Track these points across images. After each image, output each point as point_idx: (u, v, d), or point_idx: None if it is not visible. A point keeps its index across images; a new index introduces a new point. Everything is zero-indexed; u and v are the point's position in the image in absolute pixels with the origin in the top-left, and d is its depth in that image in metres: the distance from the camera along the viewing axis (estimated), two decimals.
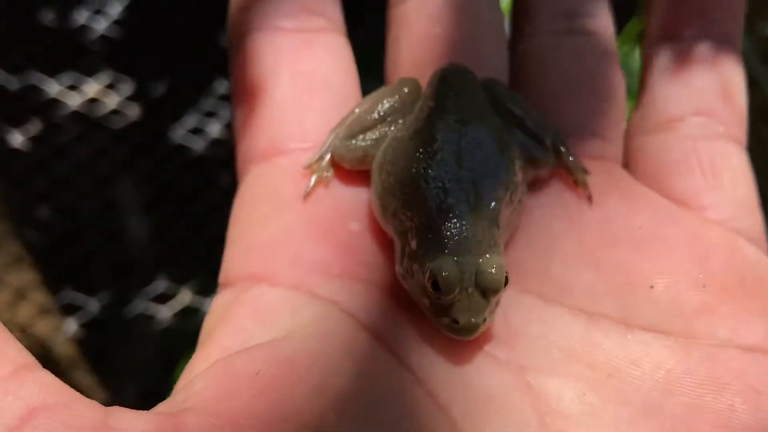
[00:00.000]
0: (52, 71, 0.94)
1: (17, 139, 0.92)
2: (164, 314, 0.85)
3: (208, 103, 0.96)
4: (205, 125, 0.95)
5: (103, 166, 0.92)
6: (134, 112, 0.95)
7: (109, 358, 0.84)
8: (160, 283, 0.86)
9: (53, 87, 0.94)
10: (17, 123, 0.92)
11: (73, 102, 0.94)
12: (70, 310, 0.85)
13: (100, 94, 0.95)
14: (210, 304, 0.33)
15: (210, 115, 0.95)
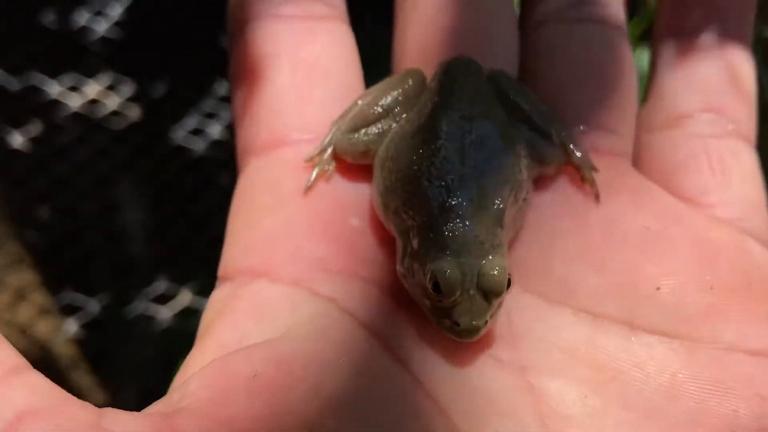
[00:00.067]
0: (52, 72, 0.94)
1: (18, 139, 0.92)
2: (164, 315, 0.85)
3: (208, 104, 0.96)
4: (206, 126, 0.95)
5: (103, 166, 0.92)
6: (134, 113, 0.95)
7: (109, 358, 0.84)
8: (160, 284, 0.86)
9: (54, 88, 0.94)
10: (18, 124, 0.92)
11: (74, 103, 0.94)
12: (70, 310, 0.85)
13: (100, 95, 0.95)
14: None
15: (210, 116, 0.95)
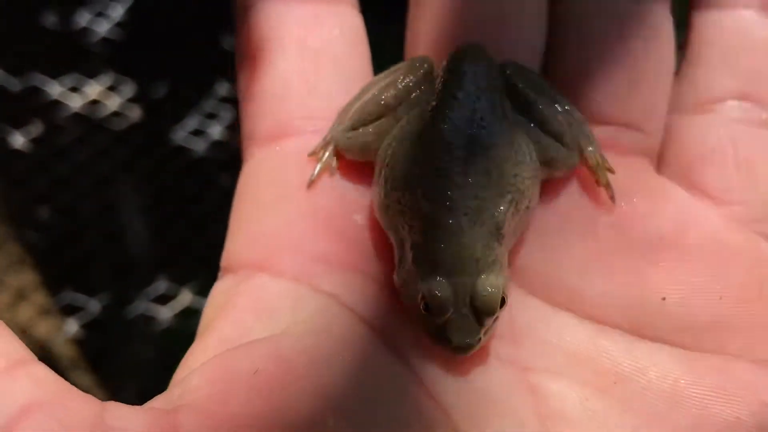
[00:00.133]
0: (53, 73, 0.94)
1: (19, 140, 0.92)
2: (164, 315, 0.85)
3: (208, 104, 0.96)
4: (206, 127, 0.95)
5: (103, 167, 0.92)
6: (135, 113, 0.95)
7: (109, 358, 0.84)
8: (160, 284, 0.86)
9: (55, 89, 0.94)
10: (19, 124, 0.92)
11: (75, 103, 0.94)
12: (70, 310, 0.85)
13: (101, 95, 0.95)
14: None
15: (211, 116, 0.95)
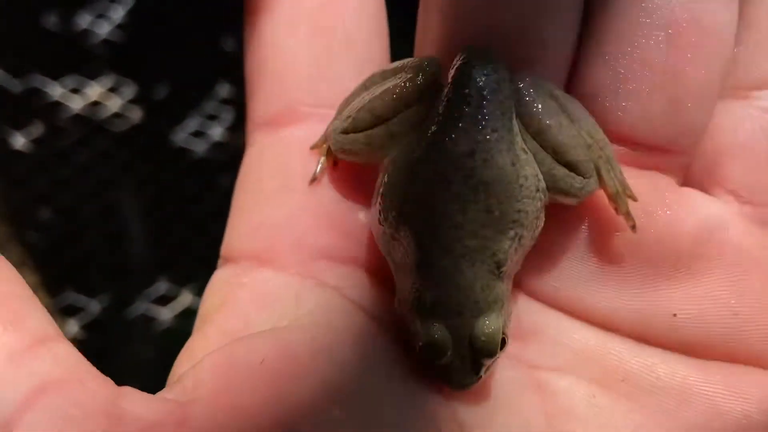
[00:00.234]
0: (54, 74, 0.94)
1: (20, 141, 0.92)
2: (165, 316, 0.85)
3: (209, 106, 0.96)
4: (207, 128, 0.95)
5: (104, 168, 0.92)
6: (136, 115, 0.95)
7: (110, 359, 0.84)
8: (160, 285, 0.86)
9: (56, 90, 0.94)
10: (20, 125, 0.92)
11: (76, 105, 0.94)
12: (71, 311, 0.85)
13: (102, 97, 0.95)
14: None
15: (211, 118, 0.95)
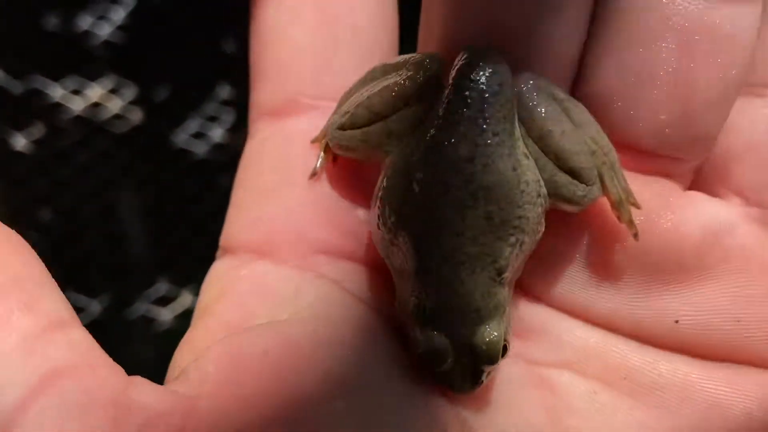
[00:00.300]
0: (55, 76, 0.94)
1: (20, 142, 0.92)
2: (165, 317, 0.85)
3: (210, 107, 0.96)
4: (207, 130, 0.95)
5: (105, 169, 0.92)
6: (136, 116, 0.95)
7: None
8: (161, 286, 0.86)
9: (56, 91, 0.94)
10: (20, 126, 0.92)
11: (76, 106, 0.94)
12: None
13: (102, 98, 0.95)
14: None
15: (212, 119, 0.95)
